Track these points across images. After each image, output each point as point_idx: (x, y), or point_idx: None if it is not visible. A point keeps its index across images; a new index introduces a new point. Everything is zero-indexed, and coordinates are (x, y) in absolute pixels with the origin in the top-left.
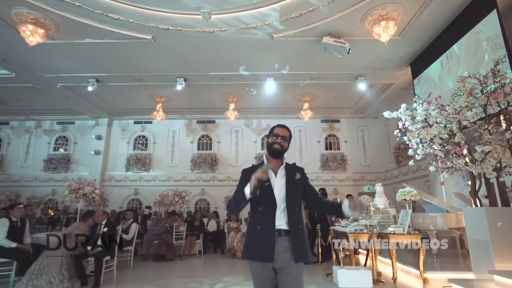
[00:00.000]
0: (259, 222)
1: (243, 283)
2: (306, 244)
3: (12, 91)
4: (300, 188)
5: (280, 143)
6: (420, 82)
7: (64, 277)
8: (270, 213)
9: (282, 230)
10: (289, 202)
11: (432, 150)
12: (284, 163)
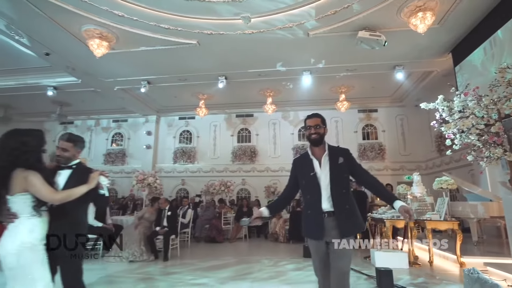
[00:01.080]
0: (309, 207)
1: (287, 259)
2: (356, 219)
3: (77, 95)
4: (345, 171)
5: (316, 132)
6: (462, 69)
7: (143, 251)
8: (317, 199)
9: (329, 212)
10: (334, 186)
11: (469, 140)
12: (327, 150)
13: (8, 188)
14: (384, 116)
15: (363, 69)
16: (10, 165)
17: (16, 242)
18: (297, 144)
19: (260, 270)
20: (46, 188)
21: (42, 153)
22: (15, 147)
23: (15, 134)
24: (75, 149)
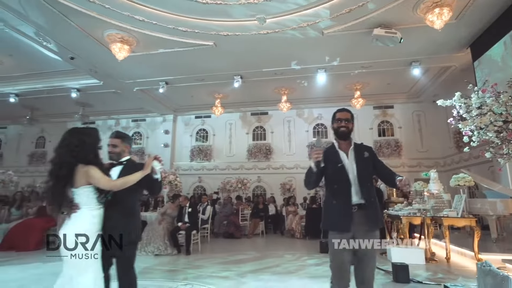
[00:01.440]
0: (335, 198)
1: (305, 254)
2: (379, 213)
3: (98, 96)
4: (370, 165)
5: (345, 125)
6: (481, 64)
7: (167, 245)
8: (346, 190)
9: (358, 204)
10: (361, 179)
11: (488, 137)
12: (352, 144)
13: (73, 182)
14: (400, 113)
15: (378, 66)
16: (73, 161)
17: (77, 230)
18: (312, 142)
19: (278, 265)
20: (105, 178)
21: (99, 149)
22: (77, 144)
23: (76, 132)
24: (123, 144)
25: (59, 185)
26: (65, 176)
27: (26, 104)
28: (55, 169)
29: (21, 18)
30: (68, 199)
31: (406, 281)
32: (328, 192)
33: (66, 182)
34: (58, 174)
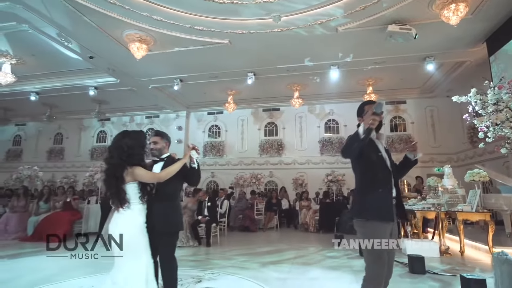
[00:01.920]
0: (381, 185)
1: (321, 247)
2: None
3: (114, 93)
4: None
5: (381, 117)
6: (497, 59)
7: (189, 237)
8: (389, 180)
9: (395, 197)
10: (393, 170)
11: (503, 133)
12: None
13: (123, 180)
14: (413, 108)
15: (392, 62)
16: (124, 163)
17: (129, 222)
18: (323, 137)
19: (297, 257)
20: (149, 173)
21: (144, 151)
22: (130, 145)
23: (128, 135)
24: (163, 141)
25: (117, 183)
26: (120, 176)
27: (45, 102)
28: (111, 169)
29: (45, 20)
30: (124, 194)
31: (422, 272)
32: (368, 181)
33: (120, 180)
34: (115, 174)
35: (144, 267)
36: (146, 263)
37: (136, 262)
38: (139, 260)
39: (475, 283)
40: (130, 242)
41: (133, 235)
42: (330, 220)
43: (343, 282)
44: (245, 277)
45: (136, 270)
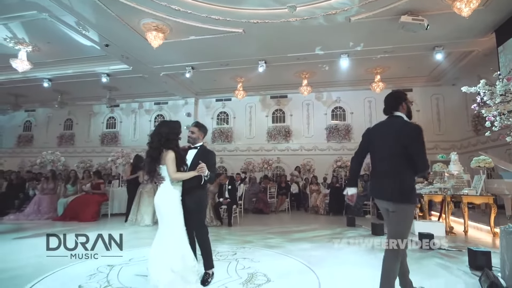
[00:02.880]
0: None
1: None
2: None
3: (125, 80)
4: None
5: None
6: (505, 49)
7: (212, 218)
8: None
9: None
10: None
11: (510, 122)
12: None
13: (159, 161)
14: (419, 96)
15: (401, 51)
16: (161, 147)
17: (166, 195)
18: (330, 124)
19: (315, 236)
20: (172, 167)
21: (179, 138)
22: (167, 132)
23: (166, 124)
24: (199, 132)
25: (152, 163)
26: (155, 157)
27: (57, 89)
28: (150, 151)
29: (65, 9)
30: (157, 173)
31: (431, 248)
32: (411, 168)
33: (156, 161)
34: (152, 155)
35: (179, 238)
36: (180, 234)
37: (175, 232)
38: (176, 229)
39: (481, 254)
40: (169, 211)
41: (171, 205)
42: (339, 203)
43: (363, 253)
44: (273, 250)
45: (174, 239)
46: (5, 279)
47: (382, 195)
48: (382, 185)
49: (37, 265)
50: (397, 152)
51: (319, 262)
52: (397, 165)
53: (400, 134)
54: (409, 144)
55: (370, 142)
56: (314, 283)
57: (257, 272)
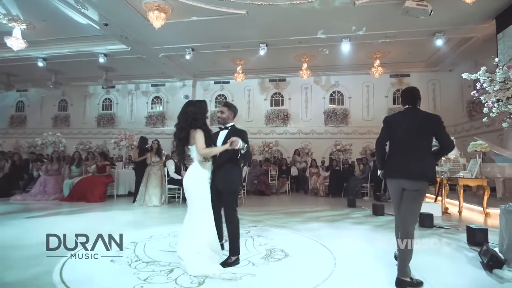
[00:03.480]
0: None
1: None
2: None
3: (122, 61)
4: None
5: None
6: (505, 36)
7: None
8: None
9: None
10: None
11: (507, 108)
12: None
13: (188, 141)
14: (417, 81)
15: (402, 36)
16: (188, 127)
17: (194, 176)
18: (328, 108)
19: (321, 216)
20: (201, 143)
21: (206, 118)
22: (194, 112)
23: (193, 104)
24: (229, 111)
25: (180, 144)
26: (183, 137)
27: (51, 68)
28: (177, 133)
29: None
30: (186, 154)
31: (430, 226)
32: (431, 153)
33: (184, 142)
34: (179, 136)
35: (207, 217)
36: (208, 214)
37: (202, 214)
38: (204, 211)
39: (479, 231)
40: (198, 193)
41: (199, 187)
42: (339, 186)
43: (368, 231)
44: (283, 229)
45: (203, 219)
46: (39, 255)
47: (408, 175)
48: (408, 166)
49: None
50: (422, 138)
51: (329, 239)
52: (423, 149)
53: (426, 123)
54: (438, 131)
55: (393, 129)
56: (329, 256)
57: (274, 248)
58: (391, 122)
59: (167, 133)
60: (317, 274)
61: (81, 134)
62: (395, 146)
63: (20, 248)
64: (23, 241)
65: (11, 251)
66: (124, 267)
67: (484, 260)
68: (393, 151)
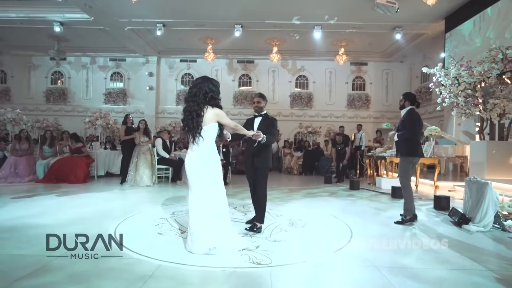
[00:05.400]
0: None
1: (316, 185)
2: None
3: (78, 31)
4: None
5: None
6: (451, 36)
7: None
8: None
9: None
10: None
11: (457, 100)
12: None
13: (202, 117)
14: (373, 70)
15: (367, 28)
16: (205, 103)
17: (196, 157)
18: (294, 92)
19: (299, 192)
20: (229, 119)
21: (220, 98)
22: (212, 90)
23: (210, 81)
24: (264, 101)
25: (197, 118)
26: (200, 113)
27: None
28: (193, 106)
29: None
30: (200, 130)
31: (401, 197)
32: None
33: (200, 116)
34: (197, 110)
35: (207, 200)
36: (209, 197)
37: (199, 195)
38: (201, 193)
39: (444, 198)
40: (194, 175)
41: (196, 169)
42: (310, 165)
43: (362, 204)
44: (285, 204)
45: (198, 202)
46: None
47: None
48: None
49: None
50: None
51: (333, 211)
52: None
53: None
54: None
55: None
56: (343, 225)
57: (292, 218)
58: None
59: (129, 111)
60: (342, 235)
61: (26, 110)
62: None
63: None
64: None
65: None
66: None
67: (455, 219)
68: (417, 137)
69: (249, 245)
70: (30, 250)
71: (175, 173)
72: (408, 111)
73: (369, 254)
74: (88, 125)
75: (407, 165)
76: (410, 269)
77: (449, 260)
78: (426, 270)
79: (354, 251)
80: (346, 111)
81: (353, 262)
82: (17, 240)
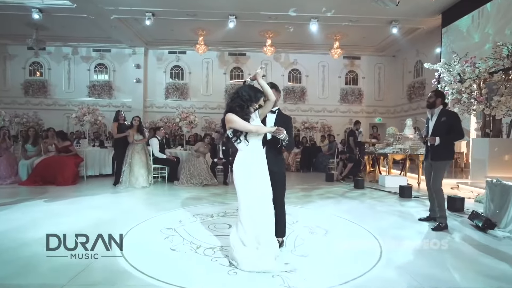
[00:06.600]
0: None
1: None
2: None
3: (59, 19)
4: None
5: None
6: (448, 31)
7: (211, 176)
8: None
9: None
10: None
11: (460, 97)
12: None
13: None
14: (366, 64)
15: (364, 21)
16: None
17: (237, 160)
18: (287, 86)
19: (303, 190)
20: (241, 121)
21: (246, 105)
22: (245, 99)
23: (250, 89)
24: (276, 93)
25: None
26: (222, 120)
27: None
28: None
29: None
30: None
31: (410, 197)
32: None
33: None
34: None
35: (247, 203)
36: (251, 200)
37: (243, 197)
38: (246, 195)
39: (459, 200)
40: (236, 177)
41: (238, 172)
42: (308, 161)
43: (378, 206)
44: (295, 206)
45: (243, 204)
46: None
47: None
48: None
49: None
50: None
51: (348, 216)
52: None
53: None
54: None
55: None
56: (364, 231)
57: (310, 225)
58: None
59: (115, 105)
60: (370, 248)
61: (2, 103)
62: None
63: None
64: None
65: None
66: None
67: (479, 223)
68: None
69: (282, 267)
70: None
71: (172, 173)
72: (447, 111)
73: (410, 267)
74: (75, 121)
75: (445, 169)
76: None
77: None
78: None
79: (391, 266)
80: (339, 105)
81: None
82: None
